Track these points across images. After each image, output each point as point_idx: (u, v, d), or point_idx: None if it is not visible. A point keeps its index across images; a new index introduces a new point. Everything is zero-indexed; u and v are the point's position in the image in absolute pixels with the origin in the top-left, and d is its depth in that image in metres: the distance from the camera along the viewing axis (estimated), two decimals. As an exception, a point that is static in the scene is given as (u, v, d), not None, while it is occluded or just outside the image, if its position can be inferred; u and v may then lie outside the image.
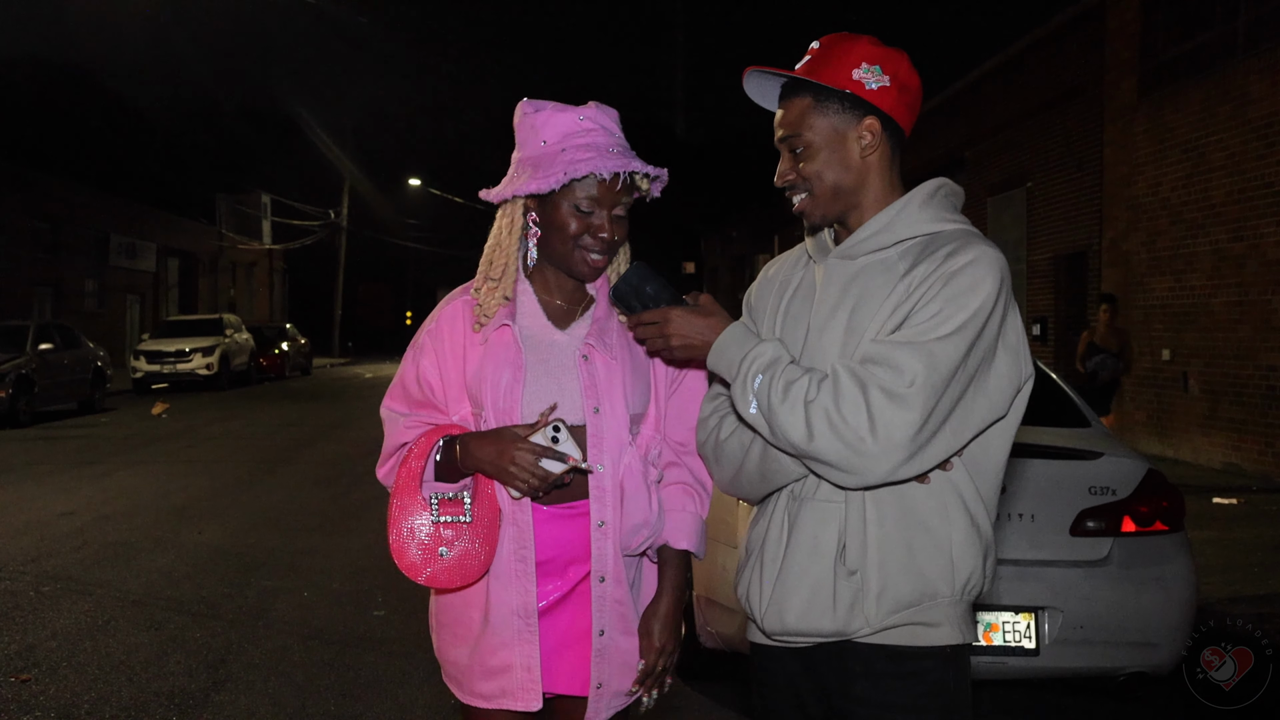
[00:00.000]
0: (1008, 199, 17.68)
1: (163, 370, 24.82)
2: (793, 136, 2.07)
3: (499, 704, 2.28)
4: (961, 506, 1.98)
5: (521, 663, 2.26)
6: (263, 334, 30.77)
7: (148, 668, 5.25)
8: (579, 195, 2.24)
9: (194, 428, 16.63)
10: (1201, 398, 12.16)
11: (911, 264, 1.99)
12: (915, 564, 1.95)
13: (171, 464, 12.47)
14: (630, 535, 2.28)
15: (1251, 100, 11.22)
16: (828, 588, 1.97)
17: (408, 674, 5.18)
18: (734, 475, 2.11)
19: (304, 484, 11.07)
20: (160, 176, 37.91)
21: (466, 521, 2.24)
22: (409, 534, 2.27)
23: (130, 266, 33.63)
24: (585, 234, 2.26)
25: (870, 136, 2.05)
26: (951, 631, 1.99)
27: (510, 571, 2.26)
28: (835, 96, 2.04)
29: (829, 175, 2.05)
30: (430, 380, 2.33)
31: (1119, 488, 4.49)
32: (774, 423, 1.90)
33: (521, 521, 2.26)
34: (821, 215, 2.08)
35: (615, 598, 2.29)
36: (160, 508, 9.49)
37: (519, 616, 2.26)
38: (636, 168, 2.25)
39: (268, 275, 46.43)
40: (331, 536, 8.35)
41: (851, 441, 1.83)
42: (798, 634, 2.02)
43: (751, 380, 1.92)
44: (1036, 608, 4.33)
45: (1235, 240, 11.49)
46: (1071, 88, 15.35)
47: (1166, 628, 4.42)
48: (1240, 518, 8.71)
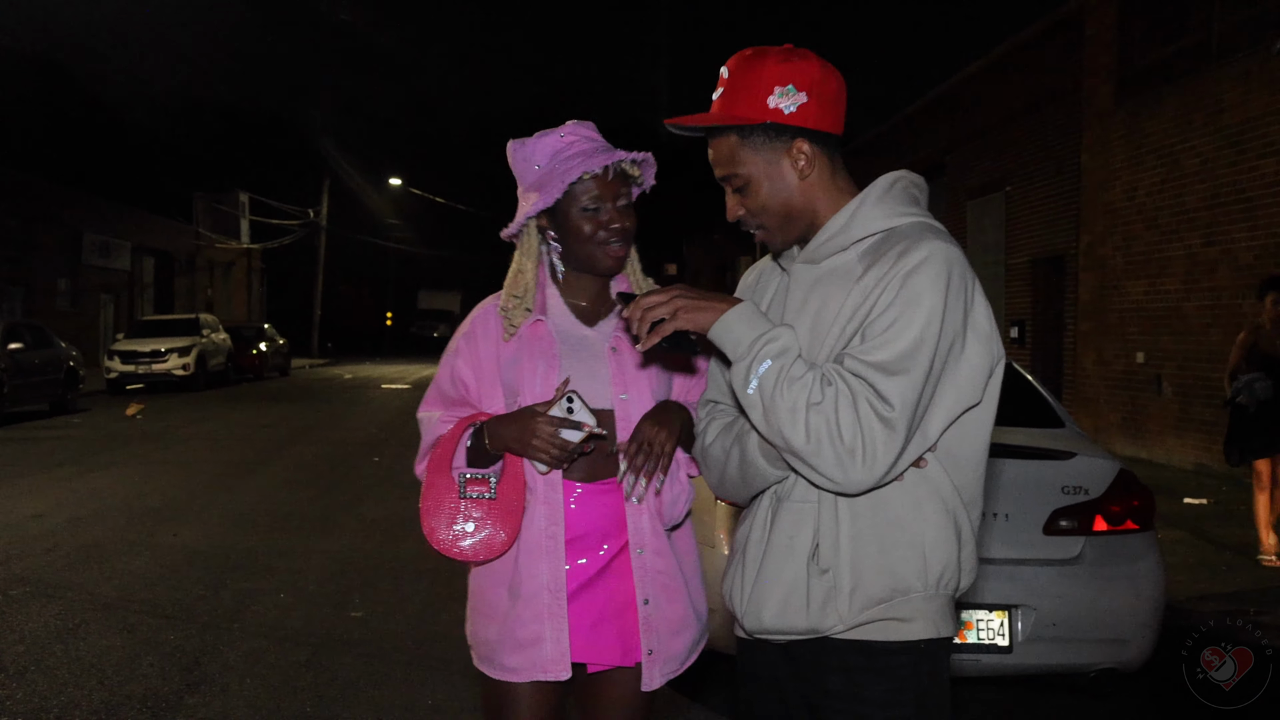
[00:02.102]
0: (987, 203, 17.79)
1: (138, 371, 24.61)
2: (730, 176, 2.08)
3: (528, 676, 2.40)
4: (937, 501, 2.00)
5: (551, 635, 2.39)
6: (240, 334, 30.53)
7: (119, 671, 5.23)
8: (582, 198, 2.44)
9: (169, 429, 16.54)
10: (1174, 400, 12.27)
11: (866, 266, 2.00)
12: (887, 561, 1.97)
13: (146, 465, 12.40)
14: (670, 507, 2.45)
15: (1225, 107, 11.33)
16: (801, 587, 2.00)
17: (385, 675, 5.18)
18: (718, 479, 2.17)
19: (281, 485, 11.03)
20: (136, 174, 37.67)
21: (490, 498, 2.41)
22: (437, 511, 2.43)
23: (104, 265, 33.39)
24: (599, 230, 2.44)
25: (804, 158, 2.05)
26: (925, 626, 2.00)
27: (541, 548, 2.40)
28: (757, 130, 2.04)
29: (775, 204, 2.07)
30: (465, 378, 2.52)
31: (1091, 487, 4.55)
32: (771, 413, 1.90)
33: (553, 500, 2.41)
34: (782, 241, 2.12)
35: (657, 568, 2.45)
36: (134, 509, 9.44)
37: (549, 591, 2.40)
38: (621, 157, 2.44)
39: (246, 275, 46.19)
40: (308, 538, 8.33)
41: (843, 456, 1.85)
42: (775, 632, 2.05)
43: (758, 364, 1.92)
44: (1010, 606, 4.38)
45: (1208, 245, 11.60)
46: (1050, 93, 15.46)
47: (1136, 625, 4.48)
48: (1210, 518, 8.80)
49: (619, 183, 2.45)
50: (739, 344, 1.95)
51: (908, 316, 1.89)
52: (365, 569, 7.30)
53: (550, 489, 2.41)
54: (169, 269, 38.55)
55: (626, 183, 2.48)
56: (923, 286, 1.90)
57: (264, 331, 32.35)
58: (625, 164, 2.46)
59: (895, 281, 1.92)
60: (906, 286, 1.91)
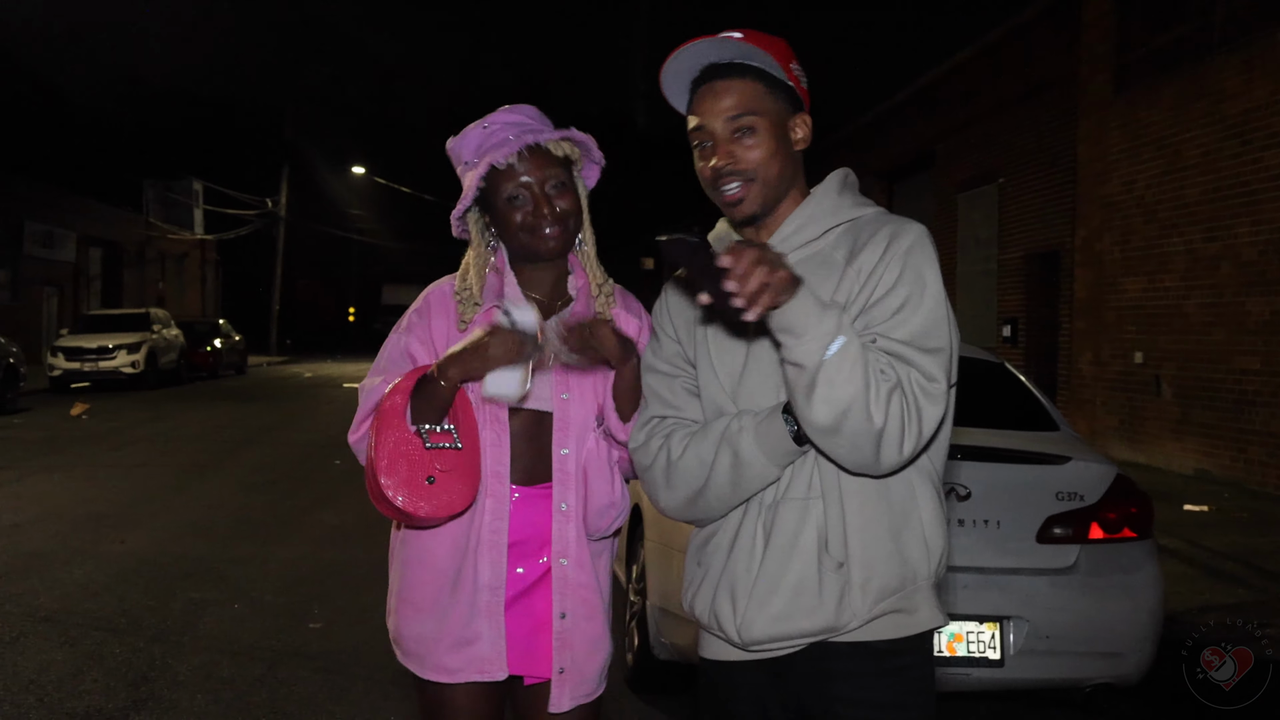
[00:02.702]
0: (978, 195, 17.87)
1: (83, 368, 24.44)
2: (745, 115, 2.09)
3: (464, 677, 2.40)
4: (928, 484, 2.08)
5: (489, 634, 2.40)
6: (194, 330, 30.42)
7: (61, 686, 5.18)
8: (506, 190, 2.43)
9: (117, 430, 16.43)
10: (1174, 402, 12.35)
11: (850, 251, 2.08)
12: (896, 549, 2.03)
13: (92, 469, 12.31)
14: (598, 517, 2.45)
15: (1226, 97, 11.42)
16: (812, 585, 2.01)
17: (345, 689, 5.16)
18: (694, 494, 2.11)
19: (236, 490, 10.96)
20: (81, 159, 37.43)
21: (458, 448, 2.36)
22: (395, 466, 2.33)
23: (48, 256, 33.08)
24: (528, 217, 2.43)
25: (804, 131, 2.16)
26: (930, 615, 2.07)
27: (485, 542, 2.41)
28: (781, 86, 2.13)
29: (775, 163, 2.11)
30: (416, 354, 2.48)
31: (1087, 493, 4.56)
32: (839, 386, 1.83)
33: (499, 494, 2.41)
34: (761, 203, 2.12)
35: (578, 581, 2.44)
36: (78, 515, 9.36)
37: (489, 589, 2.40)
38: (529, 140, 2.41)
39: (199, 267, 45.92)
40: (265, 545, 8.29)
41: (901, 435, 1.88)
42: (780, 639, 2.05)
43: (840, 332, 1.83)
44: (1002, 617, 4.39)
45: (1209, 241, 11.68)
46: (1045, 82, 15.54)
47: (1134, 638, 4.50)
48: (1210, 526, 8.86)
49: (544, 165, 2.42)
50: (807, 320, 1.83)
51: (918, 295, 1.98)
52: (324, 578, 7.27)
53: (497, 481, 2.40)
54: (117, 260, 38.26)
55: (558, 165, 2.45)
56: (922, 264, 2.01)
57: (219, 327, 32.22)
58: (548, 144, 2.43)
59: (895, 261, 2.01)
60: (909, 266, 2.00)
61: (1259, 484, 10.80)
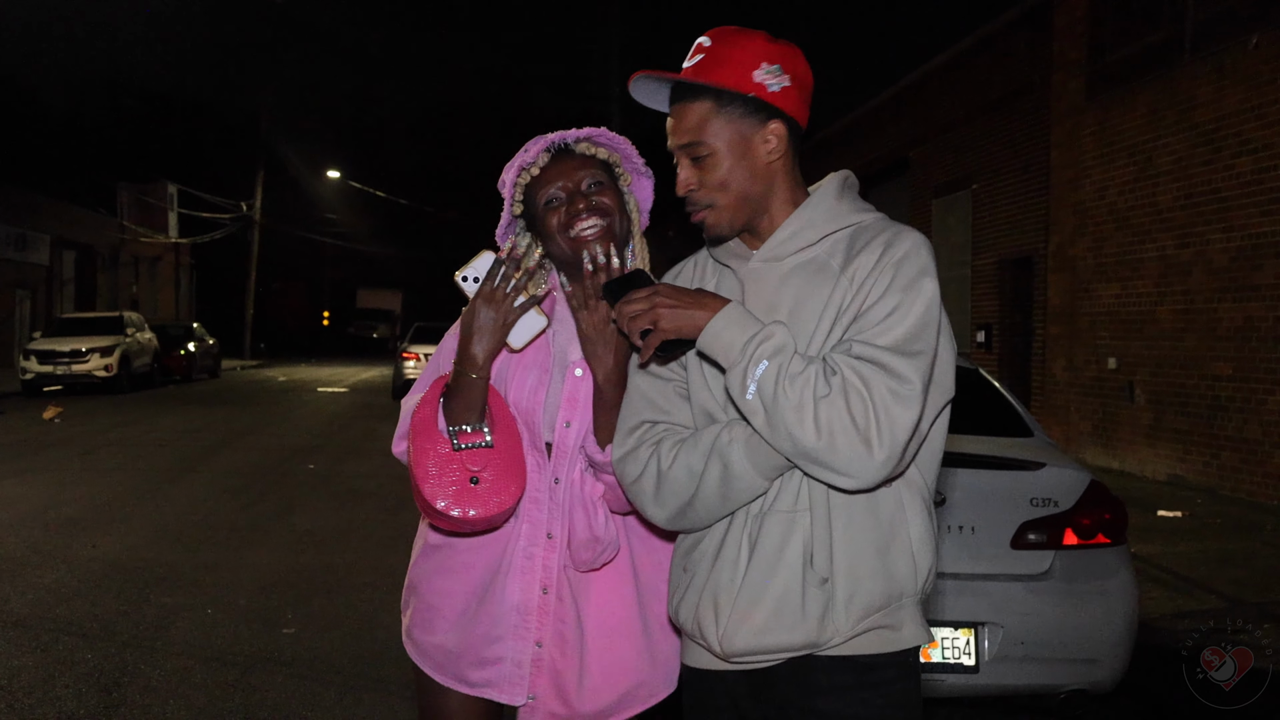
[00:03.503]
0: (953, 201, 17.94)
1: (56, 371, 24.25)
2: (694, 144, 2.07)
3: (482, 693, 2.41)
4: (918, 499, 2.03)
5: (513, 657, 2.40)
6: (167, 333, 30.23)
7: (31, 692, 5.13)
8: (541, 198, 2.40)
9: (90, 433, 16.30)
10: (1147, 408, 12.43)
11: (846, 258, 2.03)
12: (883, 565, 1.99)
13: (63, 472, 12.21)
14: (581, 549, 2.38)
15: (1198, 104, 11.51)
16: (795, 599, 1.98)
17: (318, 695, 5.12)
18: (683, 505, 2.06)
19: (209, 494, 10.89)
20: (55, 162, 37.08)
21: (488, 445, 2.35)
22: (431, 474, 2.33)
23: (20, 259, 32.85)
24: (565, 217, 2.39)
25: (775, 141, 2.07)
26: (914, 632, 2.03)
27: (517, 566, 2.40)
28: (738, 100, 2.05)
29: (735, 184, 2.07)
30: None
31: (1061, 499, 4.57)
32: (775, 416, 1.88)
33: (535, 520, 2.40)
34: (729, 226, 2.10)
35: (557, 614, 2.41)
36: (49, 519, 9.28)
37: (517, 611, 2.40)
38: (555, 139, 2.41)
39: (173, 271, 45.65)
40: (238, 550, 8.23)
41: (857, 445, 1.84)
42: (761, 651, 2.01)
43: (754, 366, 1.90)
44: (976, 623, 4.39)
45: (1182, 247, 11.76)
46: (1019, 88, 15.62)
47: (1108, 644, 4.50)
48: (1184, 531, 8.91)
49: (578, 166, 2.40)
50: (731, 349, 1.94)
51: (909, 301, 1.94)
52: (298, 583, 7.22)
53: (535, 506, 2.39)
54: (91, 263, 37.99)
55: (590, 166, 2.42)
56: (916, 273, 1.96)
57: (193, 331, 32.03)
58: (571, 143, 2.42)
59: (888, 270, 1.97)
60: (901, 274, 1.96)
61: (1232, 490, 10.88)
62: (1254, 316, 10.63)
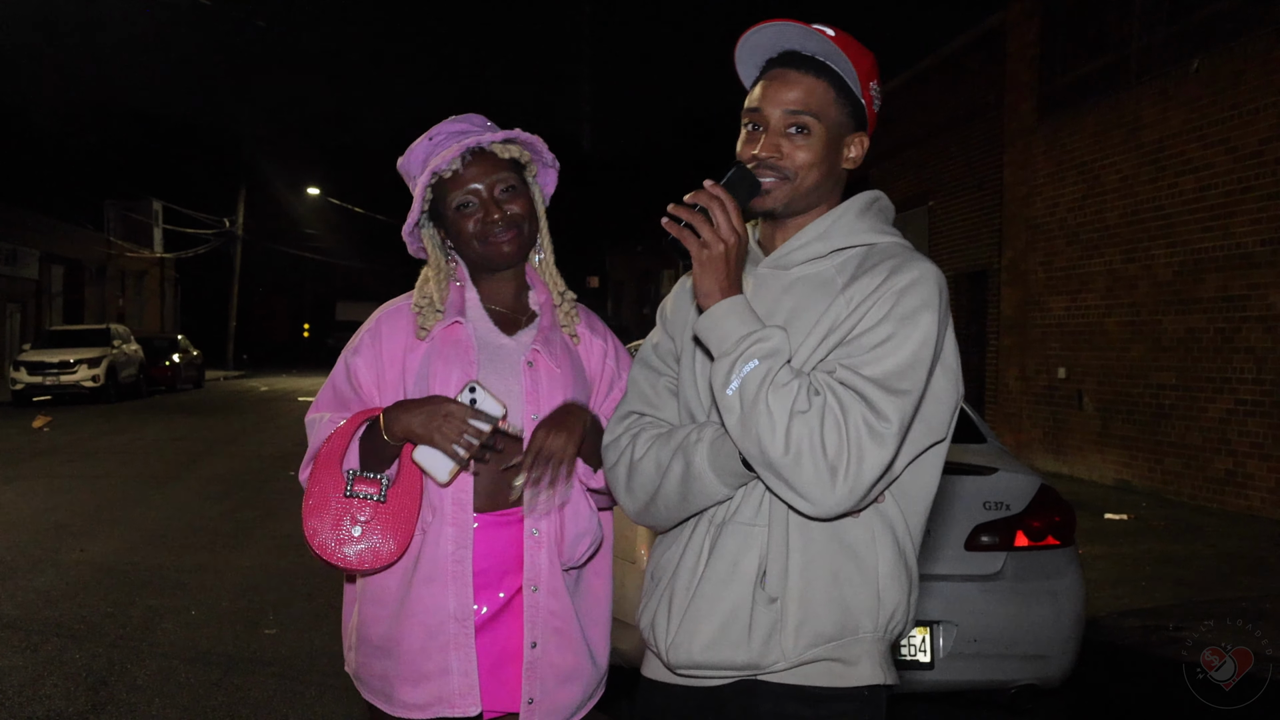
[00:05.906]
0: (910, 217, 18.03)
1: (45, 382, 24.04)
2: (803, 114, 1.95)
3: (433, 713, 2.22)
4: (890, 536, 1.90)
5: (459, 667, 2.21)
6: (153, 345, 30.04)
7: (20, 691, 5.08)
8: (454, 198, 2.30)
9: (78, 442, 16.15)
10: (1095, 415, 12.53)
11: (850, 278, 1.92)
12: (839, 594, 1.86)
13: (52, 479, 12.09)
14: (573, 545, 2.28)
15: (1143, 125, 11.63)
16: (744, 616, 1.86)
17: (299, 694, 5.10)
18: (648, 500, 1.97)
19: (193, 499, 10.81)
20: (44, 180, 36.76)
21: (379, 500, 2.19)
22: (321, 510, 2.20)
23: (10, 273, 32.53)
24: (480, 225, 2.29)
25: (858, 153, 2.01)
26: (872, 670, 1.89)
27: (448, 573, 2.22)
28: (853, 99, 1.99)
29: (816, 172, 1.96)
30: (361, 378, 2.32)
31: (1013, 503, 4.61)
32: (749, 419, 1.76)
33: (461, 522, 2.23)
34: (785, 205, 1.97)
35: (550, 609, 2.27)
36: (39, 525, 9.19)
37: (455, 620, 2.22)
38: (471, 143, 2.27)
39: (159, 285, 45.33)
40: (221, 553, 8.18)
41: (823, 472, 1.73)
42: (706, 667, 1.90)
43: (744, 363, 1.78)
44: (932, 622, 4.43)
45: (1128, 261, 11.88)
46: (973, 108, 15.75)
47: (1057, 640, 4.55)
48: (1130, 533, 8.99)
49: (492, 169, 2.29)
50: (726, 338, 1.82)
51: (903, 334, 1.81)
52: (279, 585, 7.19)
53: (459, 509, 2.23)
54: (79, 278, 37.66)
55: (507, 169, 2.31)
56: (916, 306, 1.83)
57: (177, 342, 31.85)
58: (492, 146, 2.29)
59: (887, 297, 1.84)
60: (900, 304, 1.83)
61: (1175, 494, 10.98)
62: (1195, 328, 10.74)
